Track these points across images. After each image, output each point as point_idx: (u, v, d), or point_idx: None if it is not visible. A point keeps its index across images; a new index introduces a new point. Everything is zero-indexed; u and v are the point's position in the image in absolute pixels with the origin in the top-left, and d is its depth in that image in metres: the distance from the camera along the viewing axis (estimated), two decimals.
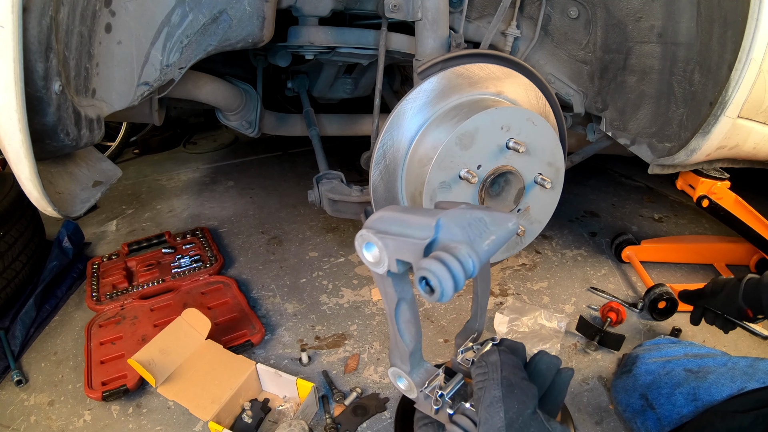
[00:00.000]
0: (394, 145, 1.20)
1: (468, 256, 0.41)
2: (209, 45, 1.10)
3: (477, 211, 0.46)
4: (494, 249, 0.45)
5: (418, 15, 1.23)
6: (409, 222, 0.45)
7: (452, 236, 0.43)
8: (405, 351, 0.53)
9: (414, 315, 0.52)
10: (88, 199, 0.99)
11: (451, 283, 0.40)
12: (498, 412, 0.46)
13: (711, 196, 1.47)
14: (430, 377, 0.56)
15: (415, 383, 0.55)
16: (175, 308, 1.49)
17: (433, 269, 0.40)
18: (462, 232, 0.43)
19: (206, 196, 2.37)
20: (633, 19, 1.24)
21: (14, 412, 1.21)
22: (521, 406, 0.46)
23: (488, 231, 0.45)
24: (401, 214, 0.47)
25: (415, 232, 0.44)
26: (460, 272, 0.40)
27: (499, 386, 0.47)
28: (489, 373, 0.49)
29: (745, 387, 0.93)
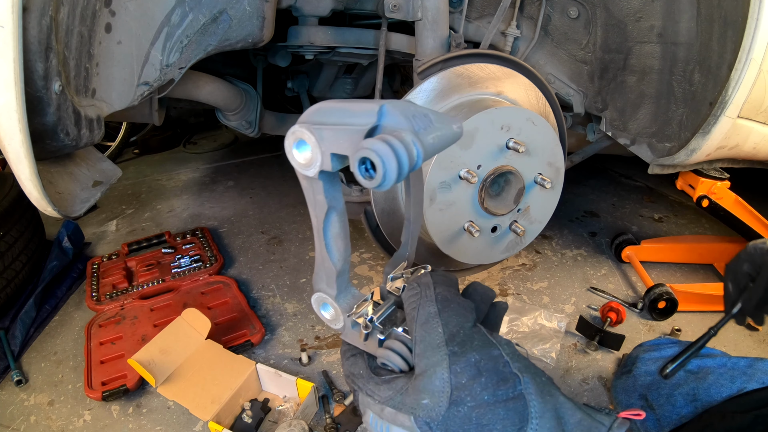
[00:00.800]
0: None
1: (413, 143, 0.37)
2: (209, 45, 1.10)
3: (422, 108, 0.43)
4: (438, 146, 0.42)
5: (418, 15, 1.23)
6: (351, 110, 0.41)
7: (397, 124, 0.39)
8: (332, 271, 0.48)
9: (344, 229, 0.47)
10: (88, 199, 0.99)
11: (394, 164, 0.36)
12: (435, 327, 0.42)
13: (711, 196, 1.47)
14: (357, 303, 0.51)
15: (341, 309, 0.50)
16: (175, 308, 1.49)
17: (375, 147, 0.36)
18: (407, 121, 0.39)
19: (206, 196, 2.37)
20: (633, 19, 1.24)
21: (14, 412, 1.21)
22: (460, 318, 0.43)
23: (433, 127, 0.41)
24: (342, 103, 0.42)
25: (356, 120, 0.40)
26: (404, 154, 0.36)
27: (434, 302, 0.44)
28: (422, 292, 0.46)
29: (744, 387, 0.93)
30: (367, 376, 0.46)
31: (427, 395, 0.39)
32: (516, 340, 1.34)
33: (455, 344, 0.41)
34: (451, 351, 0.40)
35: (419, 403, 0.40)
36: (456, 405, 0.38)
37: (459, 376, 0.39)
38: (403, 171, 0.37)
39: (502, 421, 0.38)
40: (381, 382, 0.44)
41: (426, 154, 0.39)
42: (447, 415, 0.38)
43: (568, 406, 0.39)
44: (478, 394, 0.38)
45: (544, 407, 0.38)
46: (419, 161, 0.38)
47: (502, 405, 0.38)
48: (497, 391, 0.39)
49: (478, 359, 0.40)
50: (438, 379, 0.39)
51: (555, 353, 1.30)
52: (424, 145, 0.38)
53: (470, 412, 0.38)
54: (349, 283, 0.51)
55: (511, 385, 0.39)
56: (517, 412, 0.38)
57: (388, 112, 0.39)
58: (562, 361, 1.32)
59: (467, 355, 0.40)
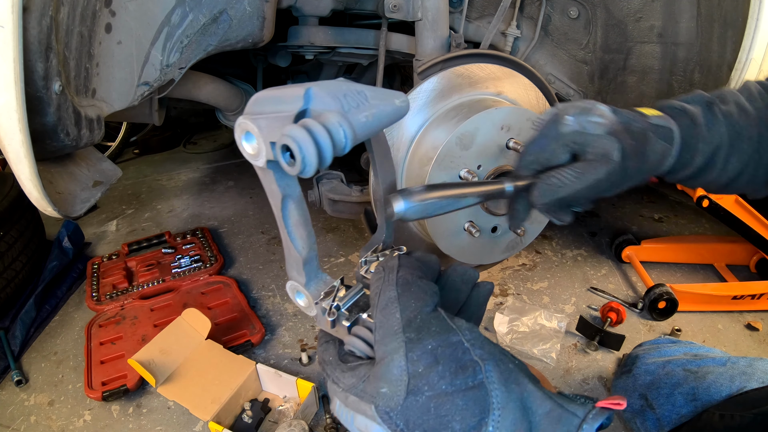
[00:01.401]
0: (394, 145, 1.20)
1: (339, 125, 0.36)
2: (209, 45, 1.10)
3: (357, 85, 0.42)
4: (375, 124, 0.40)
5: (418, 15, 1.23)
6: (282, 96, 0.40)
7: (325, 106, 0.38)
8: (298, 259, 0.48)
9: (303, 216, 0.47)
10: (88, 199, 0.99)
11: (312, 149, 0.35)
12: (394, 313, 0.40)
13: (711, 196, 1.47)
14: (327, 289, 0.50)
15: (311, 296, 0.49)
16: (175, 308, 1.49)
17: (293, 134, 0.35)
18: (335, 102, 0.38)
19: (206, 196, 2.37)
20: (633, 19, 1.24)
21: (14, 412, 1.21)
22: (419, 303, 0.41)
23: (367, 104, 0.40)
24: (275, 90, 0.41)
25: (286, 106, 0.39)
26: (325, 139, 0.35)
27: (394, 287, 0.42)
28: (385, 276, 0.44)
29: (744, 387, 0.93)
30: (335, 363, 0.45)
31: (385, 384, 0.38)
32: (516, 340, 1.34)
33: (412, 330, 0.39)
34: (408, 338, 0.39)
35: (378, 392, 0.38)
36: (414, 394, 0.37)
37: (415, 364, 0.37)
38: (325, 155, 0.36)
39: (461, 412, 0.36)
40: (346, 369, 0.43)
41: (357, 134, 0.38)
42: (405, 405, 0.37)
43: (537, 395, 0.37)
44: (435, 383, 0.37)
45: (507, 397, 0.36)
46: (348, 142, 0.37)
47: (460, 395, 0.36)
48: (455, 380, 0.36)
49: (434, 346, 0.38)
50: (395, 367, 0.38)
51: (555, 353, 1.30)
52: (352, 125, 0.37)
53: (428, 402, 0.36)
54: (318, 270, 0.50)
55: (471, 374, 0.37)
56: (477, 402, 0.36)
57: (315, 94, 0.38)
58: (562, 361, 1.32)
59: (423, 342, 0.38)
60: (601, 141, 0.59)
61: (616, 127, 0.59)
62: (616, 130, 0.59)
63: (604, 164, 0.58)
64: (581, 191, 0.59)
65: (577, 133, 0.60)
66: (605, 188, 0.60)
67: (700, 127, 0.65)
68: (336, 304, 0.48)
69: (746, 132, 0.66)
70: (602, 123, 0.60)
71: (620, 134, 0.59)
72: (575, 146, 0.60)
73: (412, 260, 0.46)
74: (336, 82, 0.41)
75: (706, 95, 0.69)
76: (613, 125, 0.59)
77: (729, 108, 0.67)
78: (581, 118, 0.60)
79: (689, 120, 0.65)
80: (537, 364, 1.29)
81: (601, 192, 0.60)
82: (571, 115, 0.60)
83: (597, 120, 0.60)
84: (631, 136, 0.60)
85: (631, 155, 0.59)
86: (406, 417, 0.37)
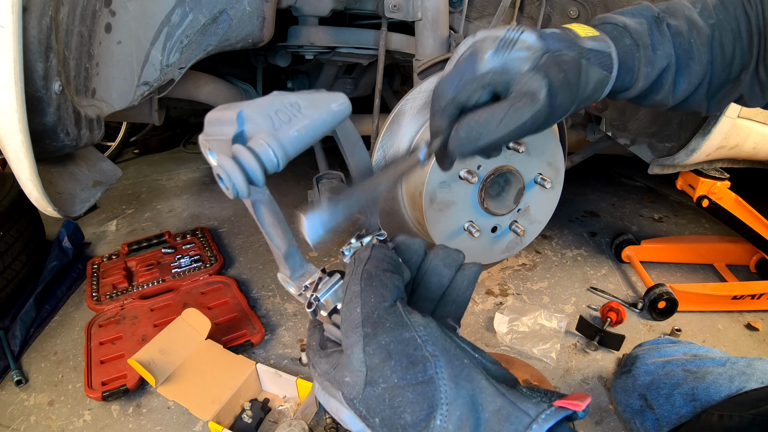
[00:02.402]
0: (394, 145, 1.20)
1: (266, 145, 0.38)
2: (209, 45, 1.10)
3: (292, 96, 0.43)
4: (309, 135, 0.41)
5: (418, 15, 1.23)
6: (221, 118, 0.42)
7: (257, 127, 0.39)
8: (279, 254, 0.51)
9: (276, 216, 0.49)
10: (88, 199, 0.99)
11: (239, 177, 0.37)
12: (355, 307, 0.41)
13: (711, 196, 1.47)
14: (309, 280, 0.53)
15: (297, 286, 0.52)
16: (175, 308, 1.49)
17: (222, 164, 0.38)
18: (266, 121, 0.39)
19: (206, 196, 2.37)
20: None
21: (14, 412, 1.21)
22: (378, 299, 0.41)
23: (300, 116, 0.41)
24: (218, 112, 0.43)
25: (226, 129, 0.41)
26: (252, 165, 0.37)
27: (358, 280, 0.43)
28: (353, 268, 0.45)
29: (743, 387, 0.93)
30: (315, 348, 0.46)
31: (348, 373, 0.40)
32: (516, 340, 1.34)
33: (369, 325, 0.40)
34: (365, 332, 0.40)
35: (343, 380, 0.40)
36: (371, 385, 0.39)
37: (371, 357, 0.39)
38: (256, 179, 0.38)
39: (412, 405, 0.37)
40: (323, 356, 0.45)
41: (288, 151, 0.39)
42: (365, 394, 0.39)
43: (489, 392, 0.37)
44: (388, 376, 0.38)
45: (456, 393, 0.37)
46: (279, 161, 0.39)
47: (411, 388, 0.37)
48: (406, 375, 0.38)
49: (387, 341, 0.39)
50: (355, 359, 0.40)
51: (555, 353, 1.30)
52: (282, 144, 0.39)
53: (384, 393, 0.38)
54: (302, 261, 0.53)
55: (421, 369, 0.38)
56: (426, 396, 0.37)
57: (247, 116, 0.40)
58: (562, 361, 1.32)
59: (378, 337, 0.40)
60: (526, 79, 0.52)
61: (544, 60, 0.53)
62: (544, 63, 0.52)
63: (528, 105, 0.51)
64: (503, 138, 0.52)
65: (497, 72, 0.53)
66: (530, 129, 0.53)
67: (645, 49, 0.59)
68: (314, 295, 0.50)
69: (697, 52, 0.60)
70: (527, 57, 0.53)
71: (548, 68, 0.52)
72: (496, 86, 0.54)
73: (382, 251, 0.46)
74: (269, 97, 0.42)
75: (653, 8, 0.62)
76: (540, 58, 0.53)
77: (679, 23, 0.60)
78: (502, 54, 0.53)
79: (631, 40, 0.59)
80: (537, 364, 1.29)
81: (525, 133, 0.54)
82: (491, 50, 0.53)
83: (521, 55, 0.53)
84: (560, 68, 0.53)
85: (560, 90, 0.53)
86: (366, 404, 0.39)
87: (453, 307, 0.52)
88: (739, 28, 0.63)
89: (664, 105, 0.65)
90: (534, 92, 0.51)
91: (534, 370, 1.21)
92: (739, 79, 0.65)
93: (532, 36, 0.54)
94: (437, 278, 0.51)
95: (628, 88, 0.61)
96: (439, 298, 0.52)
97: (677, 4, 0.64)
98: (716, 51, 0.62)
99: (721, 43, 0.62)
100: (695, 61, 0.61)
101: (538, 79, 0.51)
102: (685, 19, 0.61)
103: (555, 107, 0.53)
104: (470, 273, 0.52)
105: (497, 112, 0.52)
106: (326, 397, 0.44)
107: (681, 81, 0.62)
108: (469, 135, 0.53)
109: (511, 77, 0.53)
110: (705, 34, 0.61)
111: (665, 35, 0.60)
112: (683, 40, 0.60)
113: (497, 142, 0.53)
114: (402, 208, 1.27)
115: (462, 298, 0.52)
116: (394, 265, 0.46)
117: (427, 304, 0.51)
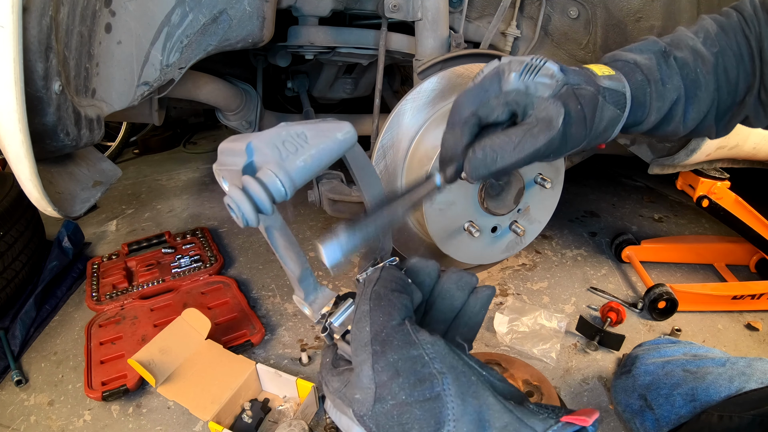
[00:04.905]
0: (394, 145, 1.20)
1: (275, 176, 0.40)
2: (209, 45, 1.10)
3: (298, 127, 0.44)
4: (315, 164, 0.43)
5: (418, 15, 1.23)
6: (233, 150, 0.44)
7: (264, 158, 0.41)
8: (294, 278, 0.52)
9: (289, 241, 0.50)
10: (88, 199, 0.99)
11: (248, 207, 0.39)
12: (364, 326, 0.43)
13: (711, 196, 1.47)
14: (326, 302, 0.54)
15: (313, 309, 0.53)
16: (175, 308, 1.49)
17: (232, 195, 0.40)
18: (273, 152, 0.41)
19: (206, 196, 2.37)
20: (633, 19, 1.24)
21: (14, 412, 1.21)
22: (386, 317, 0.43)
23: (306, 146, 0.43)
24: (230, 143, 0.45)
25: (235, 160, 0.43)
26: (261, 196, 0.39)
27: (368, 300, 0.44)
28: (363, 289, 0.46)
29: (743, 387, 0.93)
30: (328, 366, 0.48)
31: (358, 391, 0.41)
32: (516, 340, 1.34)
33: (378, 343, 0.41)
34: (374, 350, 0.41)
35: (353, 398, 0.41)
36: (380, 402, 0.39)
37: (380, 375, 0.40)
38: (265, 208, 0.40)
39: (419, 421, 0.37)
40: (335, 374, 0.45)
41: (295, 180, 0.41)
42: (374, 411, 0.39)
43: (496, 409, 0.37)
44: (396, 393, 0.39)
45: (463, 409, 0.37)
46: (286, 191, 0.41)
47: (418, 405, 0.38)
48: (413, 392, 0.38)
49: (396, 359, 0.40)
50: (365, 376, 0.40)
51: (555, 353, 1.30)
52: (289, 173, 0.41)
53: (392, 410, 0.39)
54: (316, 284, 0.54)
55: (429, 386, 0.38)
56: (433, 413, 0.38)
57: (256, 148, 0.42)
58: (562, 361, 1.32)
59: (387, 355, 0.40)
60: (546, 105, 0.53)
61: (564, 91, 0.54)
62: (564, 93, 0.54)
63: (544, 131, 0.53)
64: (518, 162, 0.54)
65: (520, 93, 0.55)
66: (543, 156, 0.55)
67: (655, 84, 0.60)
68: (329, 321, 0.52)
69: (704, 80, 0.62)
70: (549, 84, 0.55)
71: (567, 98, 0.54)
72: (516, 106, 0.55)
73: (392, 273, 0.48)
74: (276, 129, 0.44)
75: (660, 42, 0.64)
76: (560, 88, 0.55)
77: (684, 55, 0.62)
78: (527, 77, 0.55)
79: (642, 76, 0.60)
80: (537, 364, 1.29)
81: (537, 159, 0.55)
82: (516, 71, 0.55)
83: (543, 81, 0.55)
84: (578, 101, 0.54)
85: (576, 121, 0.55)
86: (376, 421, 0.39)
87: (465, 329, 0.53)
88: (741, 52, 0.64)
89: (675, 135, 0.66)
90: (551, 119, 0.53)
91: (534, 370, 1.21)
92: (744, 102, 0.67)
93: (555, 66, 0.56)
94: (450, 301, 0.52)
95: (641, 122, 0.62)
96: (452, 321, 0.53)
97: (681, 36, 0.65)
98: (721, 77, 0.63)
99: (725, 69, 0.64)
100: (702, 90, 0.62)
101: (556, 107, 0.53)
102: (690, 50, 0.63)
103: (568, 137, 0.55)
104: (483, 296, 0.53)
105: (513, 137, 0.53)
106: (338, 415, 0.45)
107: (690, 110, 0.63)
108: (485, 158, 0.54)
109: (532, 100, 0.54)
110: (710, 62, 0.62)
111: (673, 68, 0.61)
112: (690, 71, 0.62)
113: (512, 167, 0.54)
114: None
115: (474, 320, 0.53)
116: (402, 285, 0.47)
117: (439, 326, 0.52)
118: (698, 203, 1.49)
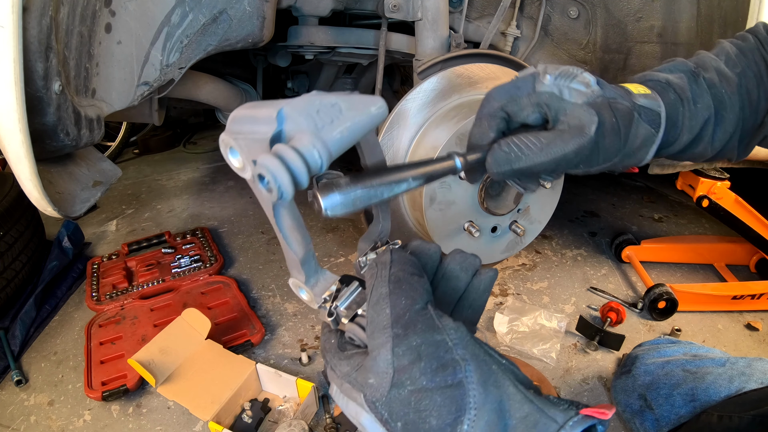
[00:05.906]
0: (394, 145, 1.20)
1: (312, 146, 0.37)
2: (209, 45, 1.10)
3: (332, 97, 0.41)
4: (350, 137, 0.40)
5: (418, 15, 1.23)
6: (256, 117, 0.40)
7: (297, 127, 0.38)
8: (296, 260, 0.50)
9: (296, 220, 0.47)
10: (88, 199, 0.99)
11: (286, 178, 0.36)
12: (384, 309, 0.41)
13: (711, 196, 1.47)
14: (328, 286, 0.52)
15: (314, 293, 0.51)
16: (175, 308, 1.49)
17: (266, 164, 0.36)
18: (308, 121, 0.38)
19: (206, 196, 2.37)
20: (633, 19, 1.24)
21: (14, 412, 1.21)
22: (408, 301, 0.41)
23: (342, 117, 0.40)
24: (250, 110, 0.41)
25: (261, 128, 0.39)
26: (298, 165, 0.36)
27: (386, 283, 0.43)
28: (378, 272, 0.45)
29: (743, 387, 0.93)
30: (334, 350, 0.47)
31: (372, 375, 0.40)
32: (516, 340, 1.34)
33: (399, 326, 0.40)
34: (395, 333, 0.40)
35: (366, 382, 0.40)
36: (397, 387, 0.38)
37: (401, 359, 0.39)
38: (301, 181, 0.37)
39: (439, 408, 0.36)
40: (343, 357, 0.44)
41: (332, 152, 0.38)
42: (390, 396, 0.38)
43: (517, 398, 0.37)
44: (417, 378, 0.38)
45: (485, 398, 0.37)
46: (323, 163, 0.38)
47: (439, 392, 0.37)
48: (435, 377, 0.37)
49: (419, 343, 0.39)
50: (382, 360, 0.39)
51: (555, 353, 1.30)
52: (326, 144, 0.38)
53: (410, 396, 0.38)
54: (317, 267, 0.52)
55: (451, 372, 0.38)
56: (454, 400, 0.37)
57: (287, 116, 0.38)
58: (562, 361, 1.32)
59: (409, 338, 0.39)
60: (579, 111, 0.53)
61: (598, 100, 0.54)
62: (598, 102, 0.54)
63: (575, 137, 0.52)
64: (543, 164, 0.52)
65: (553, 96, 0.54)
66: (572, 164, 0.53)
67: (687, 103, 0.60)
68: (335, 304, 0.50)
69: (729, 101, 0.62)
70: (583, 92, 0.54)
71: (602, 108, 0.53)
72: (548, 109, 0.54)
73: (404, 256, 0.47)
74: (308, 97, 0.41)
75: (689, 63, 0.64)
76: (596, 97, 0.54)
77: (711, 76, 0.63)
78: (561, 81, 0.54)
79: (675, 95, 0.60)
80: (537, 364, 1.29)
81: (565, 168, 0.54)
82: (552, 74, 0.55)
83: (578, 87, 0.54)
84: (613, 113, 0.54)
85: (609, 133, 0.53)
86: (389, 408, 0.38)
87: (469, 311, 0.52)
88: (760, 73, 0.65)
89: (702, 156, 0.66)
90: (584, 125, 0.52)
91: (534, 370, 1.21)
92: (764, 122, 0.67)
93: (592, 77, 0.55)
94: (454, 282, 0.52)
95: (673, 143, 0.62)
96: (456, 303, 0.52)
97: (705, 58, 0.66)
98: (744, 98, 0.64)
99: (747, 90, 0.64)
100: (728, 111, 0.62)
101: (590, 114, 0.52)
102: (715, 71, 0.63)
103: (600, 148, 0.54)
104: (486, 278, 0.52)
105: (542, 138, 0.52)
106: (345, 400, 0.43)
107: (718, 131, 0.63)
108: (510, 154, 0.52)
109: (565, 105, 0.54)
110: (734, 82, 0.63)
111: (703, 88, 0.61)
112: (717, 92, 0.62)
113: (536, 168, 0.52)
114: (402, 207, 1.27)
115: (478, 302, 0.52)
116: (420, 269, 0.46)
117: (443, 308, 0.51)
118: (698, 203, 1.49)
